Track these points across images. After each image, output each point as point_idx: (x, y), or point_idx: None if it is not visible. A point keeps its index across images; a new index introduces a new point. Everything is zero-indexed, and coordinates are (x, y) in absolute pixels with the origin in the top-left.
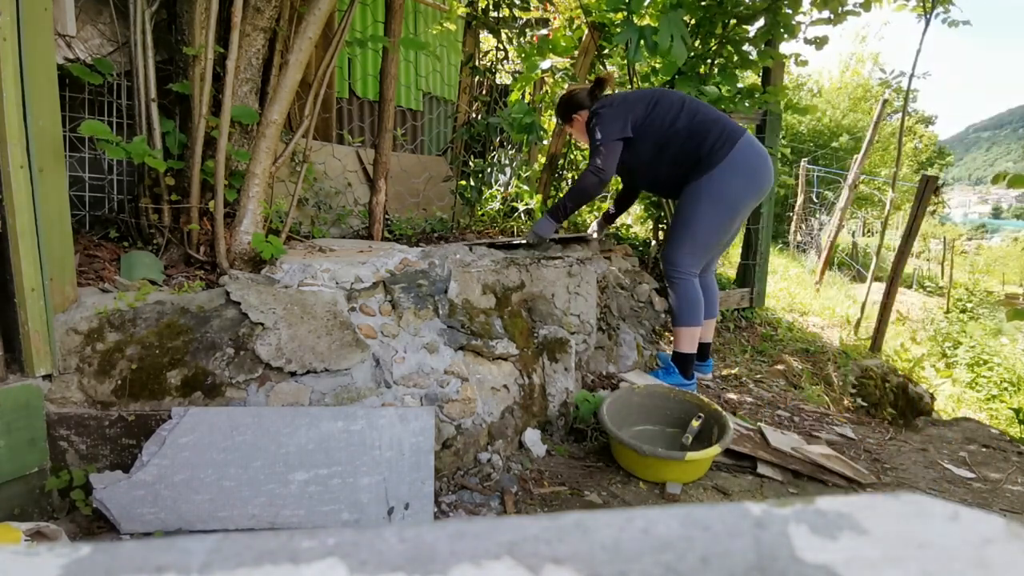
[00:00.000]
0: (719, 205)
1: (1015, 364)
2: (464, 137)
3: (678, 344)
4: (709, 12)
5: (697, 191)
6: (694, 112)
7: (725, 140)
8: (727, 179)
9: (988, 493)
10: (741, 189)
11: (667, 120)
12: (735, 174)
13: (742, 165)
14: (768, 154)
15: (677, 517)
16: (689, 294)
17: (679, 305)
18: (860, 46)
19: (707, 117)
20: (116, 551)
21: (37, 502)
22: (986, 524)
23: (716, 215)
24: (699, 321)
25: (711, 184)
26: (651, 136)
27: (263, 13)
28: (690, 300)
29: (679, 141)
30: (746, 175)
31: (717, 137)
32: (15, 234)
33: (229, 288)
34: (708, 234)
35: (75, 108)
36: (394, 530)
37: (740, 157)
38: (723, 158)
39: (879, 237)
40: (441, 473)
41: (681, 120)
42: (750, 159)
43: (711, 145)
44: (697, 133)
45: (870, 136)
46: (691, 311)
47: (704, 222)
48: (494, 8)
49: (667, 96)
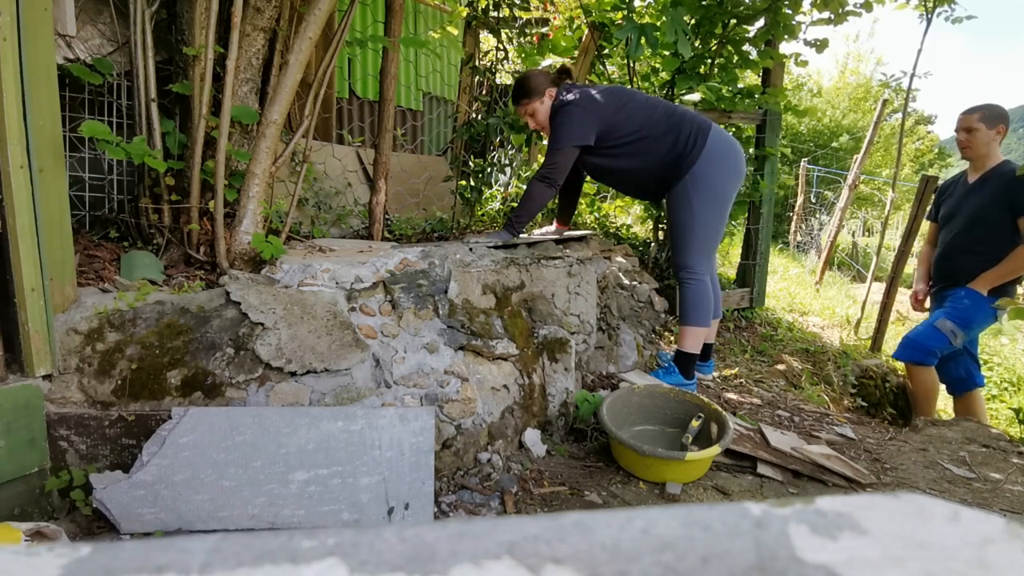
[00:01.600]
0: (710, 199)
1: (1015, 364)
2: (464, 137)
3: (683, 343)
4: (709, 12)
5: (684, 192)
6: (656, 110)
7: (697, 135)
8: (710, 172)
9: (988, 493)
10: (724, 178)
11: (637, 122)
12: (715, 165)
13: (718, 155)
14: (736, 140)
15: (677, 517)
16: (701, 295)
17: (690, 305)
18: (853, 45)
19: (674, 114)
20: (116, 551)
21: (37, 502)
22: (986, 524)
23: (710, 210)
24: (707, 322)
25: (696, 181)
26: (623, 139)
27: (263, 13)
28: (702, 301)
29: (652, 143)
30: (725, 164)
31: (688, 134)
32: (15, 234)
33: (229, 288)
34: (708, 230)
35: (75, 108)
36: (394, 530)
37: (715, 148)
38: (700, 153)
39: (879, 237)
40: (441, 473)
41: (651, 121)
42: (723, 148)
43: (685, 143)
44: (669, 132)
45: (870, 136)
46: (701, 311)
47: (701, 220)
48: (494, 8)
49: (633, 97)
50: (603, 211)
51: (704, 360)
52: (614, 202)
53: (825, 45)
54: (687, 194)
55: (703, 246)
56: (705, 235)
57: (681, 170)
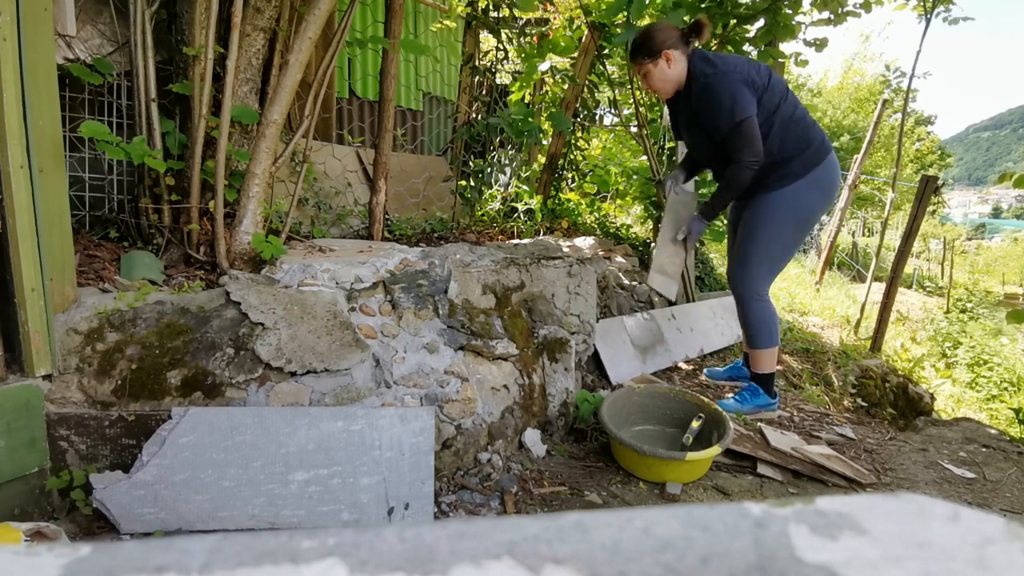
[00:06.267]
0: (798, 221)
1: (1015, 364)
2: (464, 137)
3: (758, 366)
4: (709, 12)
5: (776, 203)
6: (794, 107)
7: (819, 149)
8: (810, 194)
9: (988, 493)
10: (818, 204)
11: (771, 107)
12: (818, 189)
13: (826, 181)
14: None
15: (677, 517)
16: (764, 317)
17: (757, 329)
18: (863, 45)
19: (806, 117)
20: (116, 551)
21: (37, 502)
22: (986, 524)
23: (794, 232)
24: (777, 341)
25: (796, 198)
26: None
27: (263, 13)
28: (767, 322)
29: (775, 135)
30: (825, 191)
31: (811, 143)
32: (15, 234)
33: (229, 288)
34: (784, 253)
35: (75, 108)
36: (394, 530)
37: (826, 172)
38: (811, 169)
39: (879, 237)
40: (441, 473)
41: (783, 111)
42: (833, 175)
43: (804, 150)
44: (794, 132)
45: (870, 136)
46: (770, 334)
47: (781, 240)
48: (494, 8)
49: (777, 79)
50: (603, 211)
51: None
52: (614, 202)
53: (824, 44)
54: (777, 206)
55: (773, 268)
56: (780, 256)
57: (784, 178)
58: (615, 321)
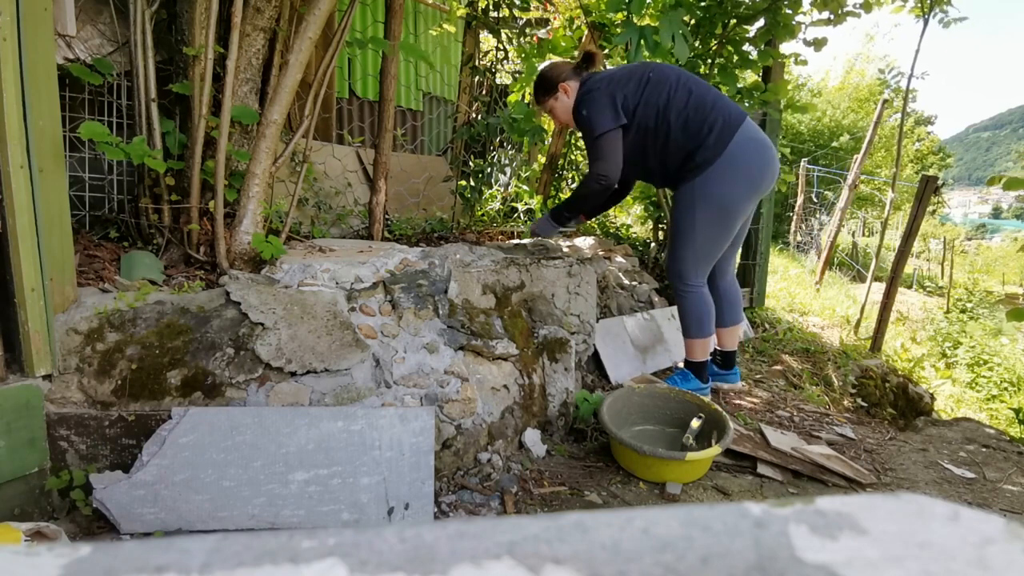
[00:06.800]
0: (716, 211)
1: (1015, 364)
2: (464, 137)
3: (690, 354)
4: (709, 12)
5: (691, 195)
6: (688, 94)
7: (722, 130)
8: (724, 180)
9: (988, 493)
10: (740, 190)
11: (660, 104)
12: (733, 173)
13: (741, 161)
14: (769, 141)
15: (677, 517)
16: (696, 307)
17: (687, 319)
18: (867, 46)
19: (703, 101)
20: (116, 551)
21: (37, 502)
22: (986, 524)
23: (714, 222)
24: (709, 331)
25: (707, 186)
26: (641, 123)
27: (263, 13)
28: (698, 313)
29: (670, 130)
30: (746, 173)
31: (712, 127)
32: (15, 234)
33: (229, 288)
34: (709, 243)
35: (75, 108)
36: (394, 530)
37: (738, 151)
38: (719, 154)
39: (879, 237)
40: (441, 473)
41: (674, 104)
42: (748, 153)
43: (705, 138)
44: (692, 121)
45: (870, 136)
46: (699, 324)
47: (702, 231)
48: (494, 8)
49: (661, 72)
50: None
51: (729, 368)
52: None
53: (823, 44)
54: (693, 198)
55: (699, 258)
56: (704, 247)
57: (694, 168)
58: (615, 321)
